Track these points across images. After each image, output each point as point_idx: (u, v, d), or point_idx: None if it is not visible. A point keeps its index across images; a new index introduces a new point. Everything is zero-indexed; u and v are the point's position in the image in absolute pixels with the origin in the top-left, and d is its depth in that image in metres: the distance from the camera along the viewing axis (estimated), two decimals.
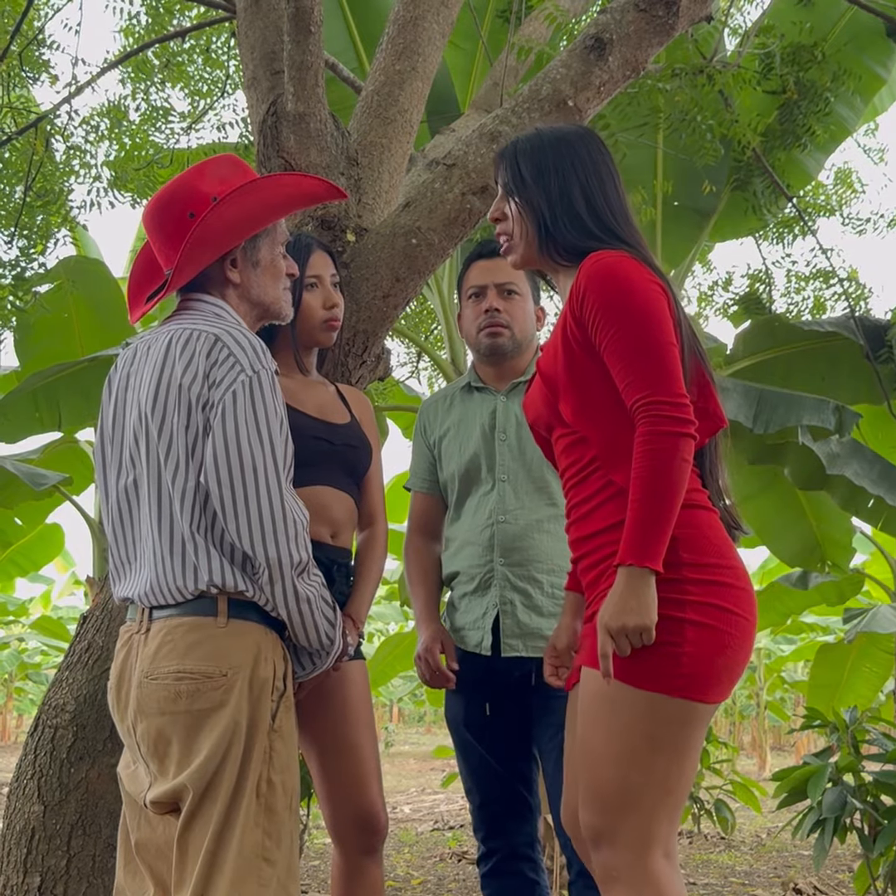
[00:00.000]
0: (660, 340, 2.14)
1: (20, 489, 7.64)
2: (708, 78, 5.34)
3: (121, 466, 2.32)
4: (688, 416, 2.10)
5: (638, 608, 2.05)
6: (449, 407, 3.17)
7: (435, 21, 4.07)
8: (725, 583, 2.14)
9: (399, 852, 7.88)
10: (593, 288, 2.18)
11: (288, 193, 2.45)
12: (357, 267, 3.29)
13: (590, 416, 2.24)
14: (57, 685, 3.20)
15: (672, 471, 2.07)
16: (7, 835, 3.08)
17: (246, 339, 2.25)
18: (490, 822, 3.02)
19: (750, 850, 8.07)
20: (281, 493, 2.18)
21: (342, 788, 2.81)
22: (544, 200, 2.33)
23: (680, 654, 2.08)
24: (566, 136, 2.38)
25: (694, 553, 2.13)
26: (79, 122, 5.71)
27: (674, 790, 2.12)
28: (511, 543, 2.96)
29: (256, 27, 3.64)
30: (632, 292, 2.16)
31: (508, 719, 2.97)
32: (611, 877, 2.11)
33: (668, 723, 2.10)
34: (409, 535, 3.17)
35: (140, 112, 6.64)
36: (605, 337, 2.17)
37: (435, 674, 2.96)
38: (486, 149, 3.33)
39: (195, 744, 2.14)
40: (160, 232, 2.36)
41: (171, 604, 2.21)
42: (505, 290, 3.03)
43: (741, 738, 21.83)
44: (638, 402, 2.11)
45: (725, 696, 2.18)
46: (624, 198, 2.37)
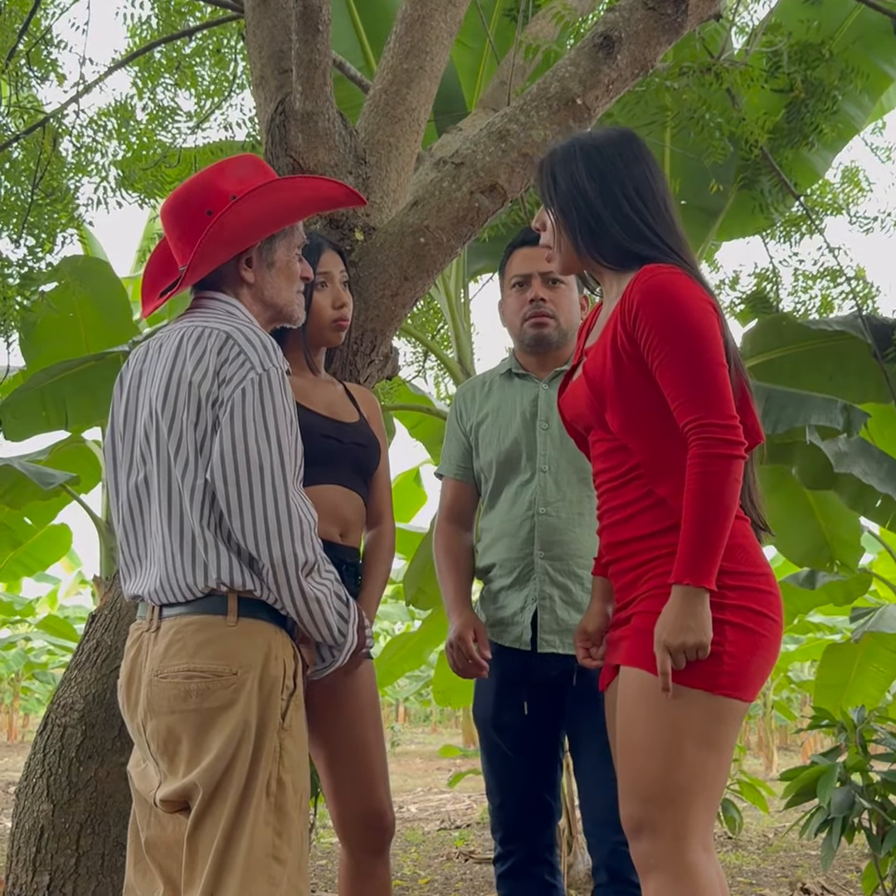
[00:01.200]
0: (712, 361, 2.18)
1: (28, 488, 7.66)
2: (716, 76, 5.33)
3: (132, 464, 2.32)
4: (739, 437, 2.17)
5: (696, 627, 2.14)
6: (488, 393, 3.09)
7: (443, 19, 4.07)
8: (759, 588, 2.24)
9: (406, 852, 7.88)
10: (647, 305, 2.22)
11: (307, 196, 2.46)
12: (365, 266, 3.29)
13: (637, 428, 2.28)
14: (66, 684, 3.20)
15: (725, 493, 2.15)
16: (16, 833, 3.08)
17: (257, 336, 2.25)
18: (509, 825, 2.98)
19: (757, 849, 8.06)
20: (287, 493, 2.18)
21: (349, 788, 2.81)
22: (583, 207, 2.35)
23: (722, 654, 2.17)
24: (600, 143, 2.39)
25: (731, 561, 2.21)
26: (86, 122, 5.70)
27: (712, 784, 2.19)
28: (552, 536, 2.90)
29: (264, 26, 3.64)
30: (685, 312, 2.20)
31: (540, 721, 2.92)
32: (649, 864, 2.18)
33: (710, 719, 2.18)
34: (439, 523, 3.10)
35: (147, 111, 6.65)
36: (657, 356, 2.21)
37: (467, 662, 2.86)
38: (495, 147, 3.32)
39: (205, 742, 2.14)
40: (177, 228, 2.37)
41: (181, 602, 2.21)
42: (550, 280, 2.97)
43: (748, 738, 21.81)
44: (690, 424, 2.17)
45: (756, 696, 2.27)
46: (666, 204, 2.37)
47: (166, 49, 6.08)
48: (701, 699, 2.17)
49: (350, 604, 2.31)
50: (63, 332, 7.68)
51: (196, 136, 7.01)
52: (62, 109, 5.00)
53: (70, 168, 5.94)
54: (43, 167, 5.45)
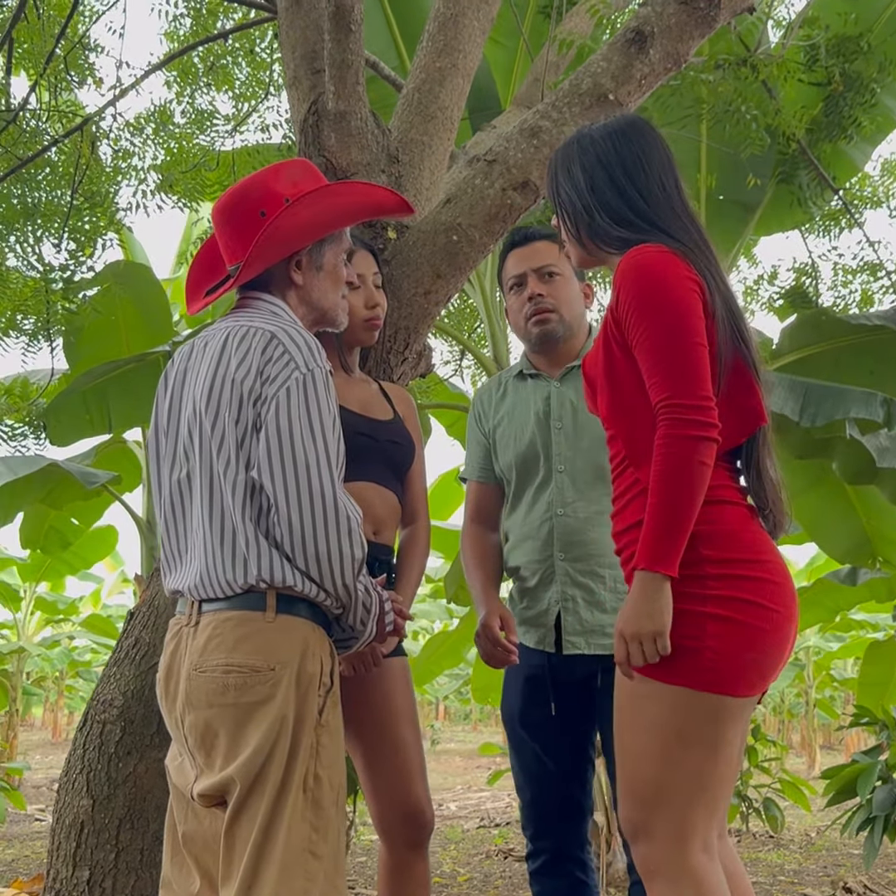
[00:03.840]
0: (686, 341, 2.11)
1: (71, 488, 7.73)
2: (752, 69, 5.30)
3: (175, 460, 2.34)
4: (709, 419, 2.07)
5: (650, 613, 2.05)
6: (502, 395, 3.10)
7: (475, 18, 4.08)
8: (753, 577, 2.12)
9: (445, 849, 7.90)
10: (626, 284, 2.18)
11: (359, 201, 2.48)
12: (398, 264, 3.30)
13: (620, 414, 2.24)
14: (105, 681, 3.23)
15: (688, 475, 2.05)
16: (56, 829, 3.12)
17: (301, 337, 2.27)
18: (540, 821, 2.97)
19: (799, 848, 8.00)
20: (334, 489, 2.18)
21: (387, 784, 2.83)
22: (576, 198, 2.34)
23: (702, 649, 2.08)
24: (596, 133, 2.38)
25: (715, 549, 2.12)
26: (124, 125, 5.75)
27: (708, 785, 2.12)
28: (571, 538, 2.89)
29: (297, 26, 3.66)
30: (661, 290, 2.14)
31: (569, 719, 2.91)
32: (649, 871, 2.12)
33: (696, 717, 2.10)
34: (465, 525, 3.11)
35: (186, 115, 6.71)
36: (635, 334, 2.16)
37: (495, 649, 2.85)
38: (527, 144, 3.32)
39: (243, 737, 2.15)
40: (229, 227, 2.39)
41: (221, 597, 2.22)
42: (545, 274, 2.98)
43: (791, 737, 21.64)
44: (660, 404, 2.10)
45: (758, 690, 2.17)
46: (663, 183, 2.33)
47: (203, 52, 6.13)
48: (684, 696, 2.08)
49: (374, 596, 2.31)
50: (105, 335, 7.75)
51: (234, 139, 7.08)
52: (99, 113, 5.04)
53: (109, 172, 6.00)
54: (82, 171, 5.51)
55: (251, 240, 2.31)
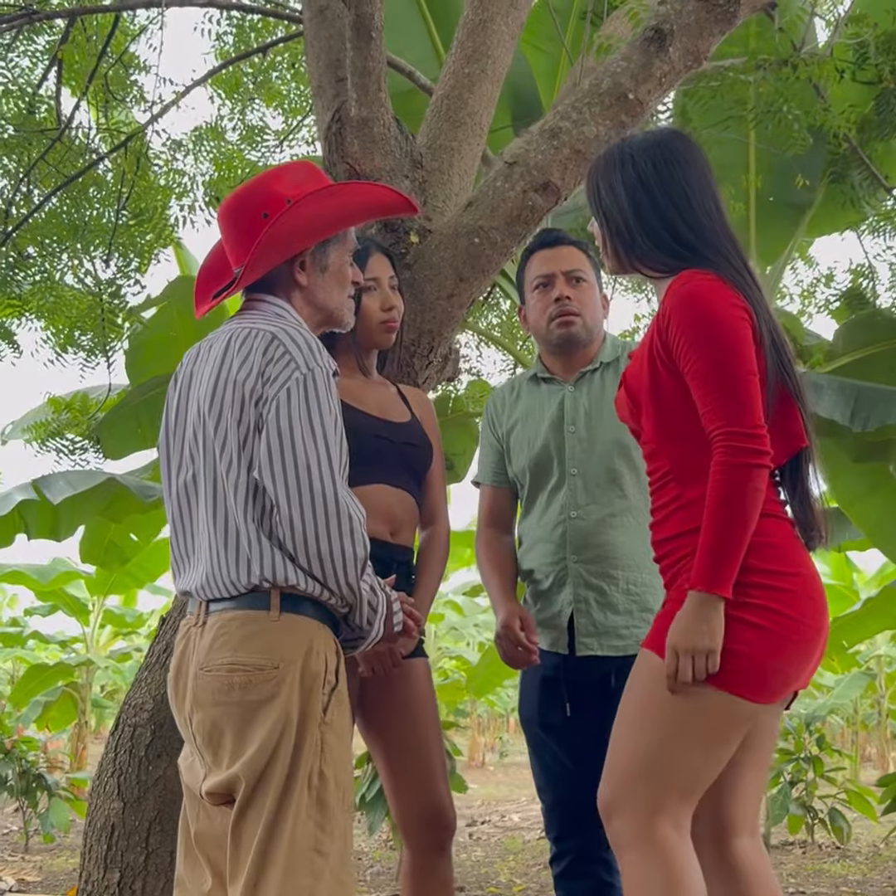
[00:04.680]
0: (739, 370, 2.20)
1: (129, 501, 7.83)
2: (792, 68, 5.24)
3: (181, 462, 2.37)
4: (762, 447, 2.17)
5: (708, 632, 2.15)
6: (516, 399, 3.11)
7: (504, 23, 4.08)
8: (786, 589, 2.22)
9: (504, 860, 7.86)
10: (678, 313, 2.24)
11: (363, 202, 2.49)
12: (420, 268, 3.31)
13: (667, 432, 2.31)
14: (137, 685, 3.28)
15: (744, 501, 2.16)
16: (88, 832, 3.16)
17: (302, 337, 2.28)
18: (562, 823, 2.98)
19: (865, 859, 7.84)
20: (335, 488, 2.19)
21: (408, 785, 2.83)
22: (618, 215, 2.38)
23: (733, 652, 2.16)
24: (637, 150, 2.40)
25: (760, 560, 2.21)
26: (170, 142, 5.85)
27: (694, 777, 2.19)
28: (584, 540, 2.91)
29: (322, 36, 3.70)
30: (714, 320, 2.22)
31: (586, 719, 2.90)
32: (619, 845, 2.21)
33: (708, 715, 2.18)
34: (479, 529, 3.14)
35: (237, 131, 6.81)
36: (687, 363, 2.23)
37: (516, 650, 2.87)
38: (547, 145, 3.32)
39: (248, 735, 2.16)
40: (233, 230, 2.42)
41: (226, 597, 2.24)
42: (573, 278, 2.98)
43: (866, 749, 21.22)
44: (715, 432, 2.19)
45: (777, 698, 2.26)
46: (705, 206, 2.36)
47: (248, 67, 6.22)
48: (703, 695, 2.17)
49: (380, 596, 2.31)
50: (164, 351, 7.83)
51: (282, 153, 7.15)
52: (140, 130, 5.13)
53: (157, 189, 6.10)
54: (129, 187, 5.61)
55: (254, 242, 2.33)
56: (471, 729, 20.37)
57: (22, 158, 5.38)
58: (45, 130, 5.18)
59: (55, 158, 5.25)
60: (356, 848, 8.20)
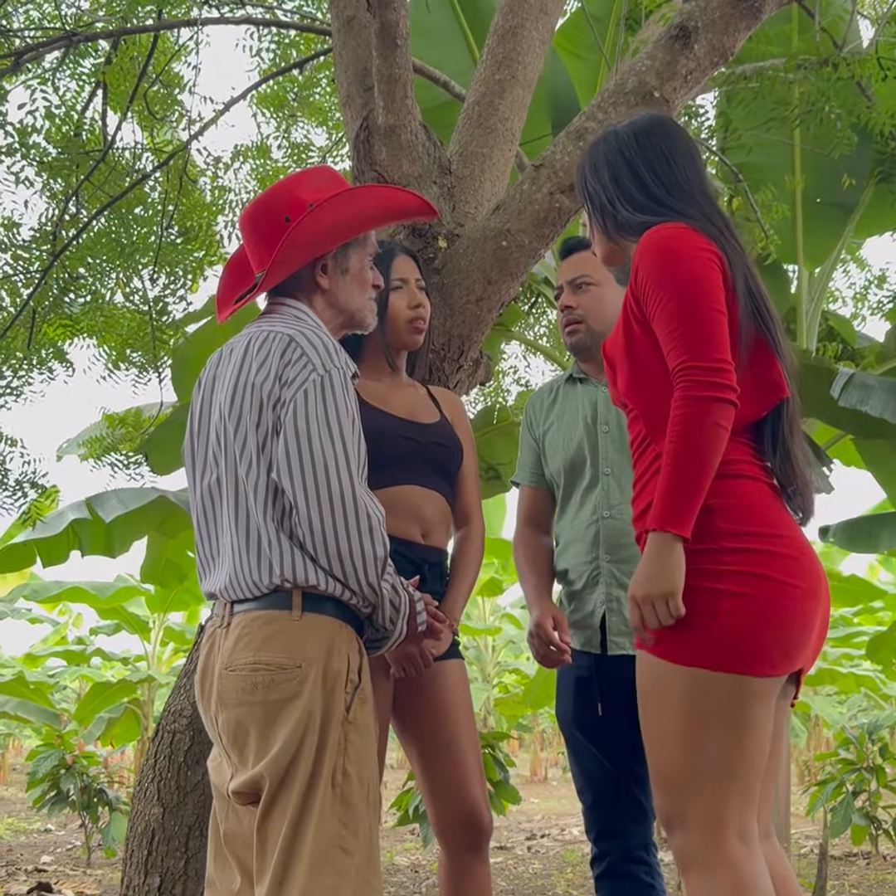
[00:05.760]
0: (702, 306, 2.10)
1: (181, 519, 7.93)
2: (834, 67, 5.19)
3: (205, 465, 2.39)
4: (726, 380, 2.06)
5: (661, 574, 2.03)
6: (553, 400, 3.13)
7: (534, 28, 4.09)
8: (770, 551, 2.09)
9: (562, 872, 7.82)
10: (643, 260, 2.20)
11: (382, 205, 2.51)
12: (449, 272, 3.32)
13: (640, 389, 2.23)
14: (176, 692, 3.31)
15: (703, 435, 2.03)
16: (130, 837, 3.19)
17: (318, 338, 2.30)
18: (602, 823, 2.96)
19: None
20: (353, 488, 2.21)
21: (444, 787, 2.83)
22: (601, 191, 2.37)
23: (716, 627, 2.05)
24: (620, 129, 2.42)
25: (732, 522, 2.09)
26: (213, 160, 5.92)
27: (738, 771, 2.07)
28: (616, 540, 2.89)
29: (349, 46, 3.73)
30: (676, 260, 2.15)
31: (621, 718, 2.85)
32: (685, 861, 2.09)
33: (716, 699, 2.06)
34: (517, 529, 3.14)
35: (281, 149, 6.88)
36: (653, 306, 2.16)
37: (549, 649, 2.86)
38: (573, 146, 3.32)
39: (271, 734, 2.18)
40: (255, 234, 2.45)
41: (250, 598, 2.26)
42: (576, 286, 3.01)
43: None
44: (677, 368, 2.09)
45: (783, 670, 2.11)
46: (690, 175, 2.35)
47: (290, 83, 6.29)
48: (701, 678, 2.05)
49: (402, 595, 2.32)
50: None
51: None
52: (183, 148, 5.20)
53: (202, 206, 6.18)
54: (174, 205, 5.68)
55: (276, 246, 2.36)
56: (533, 744, 20.29)
57: (69, 180, 5.47)
58: (89, 152, 5.27)
59: (100, 179, 5.33)
60: (413, 860, 8.20)
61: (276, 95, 6.53)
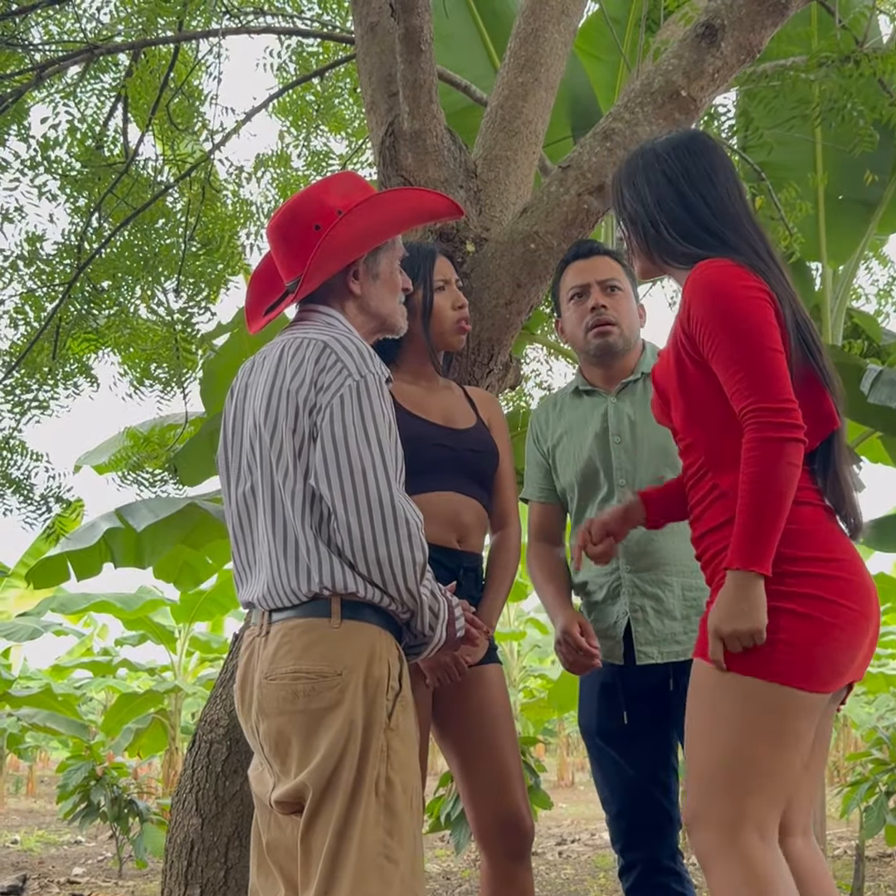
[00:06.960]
0: (762, 346, 2.17)
1: (211, 526, 7.92)
2: (855, 64, 5.16)
3: (240, 474, 2.39)
4: (794, 420, 2.13)
5: (749, 612, 2.11)
6: (559, 413, 3.09)
7: (556, 30, 4.08)
8: (826, 574, 2.17)
9: (594, 877, 7.78)
10: (696, 300, 2.23)
11: (411, 207, 2.51)
12: (477, 276, 3.32)
13: (696, 422, 2.29)
14: (212, 702, 3.30)
15: (778, 476, 2.11)
16: (169, 848, 3.19)
17: (353, 344, 2.30)
18: (628, 833, 2.93)
19: None
20: (391, 493, 2.20)
21: (484, 792, 2.81)
22: (642, 212, 2.38)
23: (775, 641, 2.12)
24: (661, 148, 2.42)
25: (792, 547, 2.16)
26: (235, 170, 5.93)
27: (770, 775, 2.13)
28: (636, 549, 2.88)
29: (373, 52, 3.73)
30: (732, 301, 2.20)
31: (645, 726, 2.89)
32: (705, 857, 2.15)
33: (763, 708, 2.13)
34: (529, 544, 3.12)
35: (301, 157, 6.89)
36: (710, 348, 2.21)
37: (577, 654, 2.84)
38: (601, 147, 3.31)
39: (314, 743, 2.17)
40: (285, 243, 2.44)
41: (288, 606, 2.25)
42: (608, 287, 2.97)
43: None
44: (744, 410, 2.16)
45: (832, 687, 2.20)
46: (731, 198, 2.36)
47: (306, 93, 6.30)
48: (753, 686, 2.13)
49: (441, 601, 2.30)
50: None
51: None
52: (204, 159, 5.21)
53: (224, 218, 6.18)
54: (195, 217, 5.69)
55: (307, 254, 2.35)
56: (559, 748, 20.23)
57: (92, 193, 5.49)
58: (112, 165, 5.28)
59: (123, 192, 5.34)
60: (444, 867, 8.17)
61: (296, 105, 6.55)
